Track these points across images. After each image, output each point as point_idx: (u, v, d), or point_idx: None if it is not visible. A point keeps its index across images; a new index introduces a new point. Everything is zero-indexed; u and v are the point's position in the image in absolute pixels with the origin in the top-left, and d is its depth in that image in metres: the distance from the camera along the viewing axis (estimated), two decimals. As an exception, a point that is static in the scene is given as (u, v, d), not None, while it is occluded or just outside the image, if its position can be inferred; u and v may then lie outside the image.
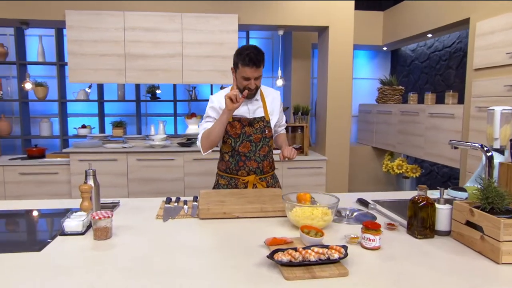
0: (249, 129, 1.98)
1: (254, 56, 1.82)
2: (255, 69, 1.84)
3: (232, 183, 2.03)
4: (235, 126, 1.97)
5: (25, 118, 4.29)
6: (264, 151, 2.02)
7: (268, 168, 2.08)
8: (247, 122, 1.98)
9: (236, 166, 2.01)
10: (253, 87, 1.90)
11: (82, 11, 3.46)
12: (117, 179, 3.60)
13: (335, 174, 4.11)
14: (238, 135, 1.97)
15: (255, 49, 1.85)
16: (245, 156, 1.99)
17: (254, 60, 1.82)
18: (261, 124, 2.00)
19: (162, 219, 1.61)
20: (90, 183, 1.61)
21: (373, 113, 5.08)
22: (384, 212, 1.74)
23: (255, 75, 1.86)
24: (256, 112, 2.02)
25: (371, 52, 5.59)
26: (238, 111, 1.94)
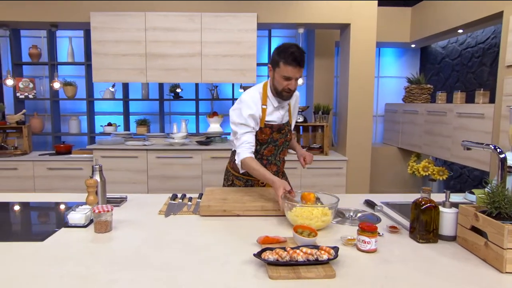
0: (277, 135, 1.92)
1: (299, 55, 1.70)
2: (299, 69, 1.72)
3: (249, 185, 2.00)
4: (265, 132, 1.88)
5: (55, 116, 4.52)
6: (284, 154, 2.03)
7: (282, 170, 2.08)
8: (277, 128, 1.91)
9: None
10: (294, 87, 1.77)
11: (105, 13, 3.59)
12: (137, 176, 3.71)
13: (356, 175, 4.01)
14: (265, 141, 1.91)
15: (298, 48, 1.73)
16: (267, 159, 1.96)
17: (298, 59, 1.69)
18: (286, 128, 1.96)
19: (164, 215, 1.64)
20: (96, 178, 1.66)
21: (399, 112, 4.90)
22: (391, 214, 1.67)
23: (297, 75, 1.74)
24: (284, 117, 1.96)
25: (399, 49, 5.40)
26: (270, 117, 1.87)
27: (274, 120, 1.89)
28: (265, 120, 1.86)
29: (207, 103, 4.81)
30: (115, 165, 3.67)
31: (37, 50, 4.44)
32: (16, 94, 4.37)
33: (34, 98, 4.43)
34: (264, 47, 4.89)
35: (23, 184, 3.68)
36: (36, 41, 4.59)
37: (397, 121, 4.98)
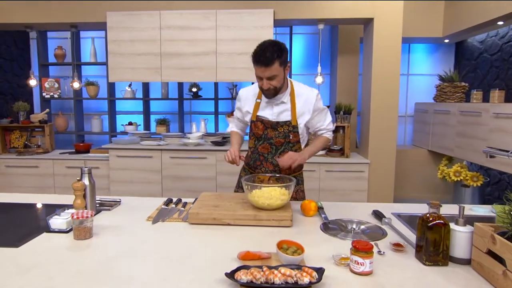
0: (272, 132, 1.86)
1: (261, 54, 1.66)
2: (264, 68, 1.67)
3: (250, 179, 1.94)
4: (258, 127, 1.88)
5: (79, 115, 4.62)
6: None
7: (288, 171, 1.91)
8: (270, 125, 1.86)
9: (254, 163, 1.95)
10: (265, 87, 1.73)
11: (121, 12, 3.60)
12: (151, 176, 3.69)
13: (379, 180, 3.76)
14: (260, 136, 1.89)
15: (266, 45, 1.68)
16: (264, 156, 1.91)
17: (260, 58, 1.66)
18: (285, 128, 1.85)
19: (152, 221, 1.55)
20: (84, 181, 1.60)
21: (430, 112, 4.57)
22: (399, 228, 1.48)
23: (265, 75, 1.69)
24: (281, 115, 1.86)
25: (431, 45, 5.04)
26: (262, 112, 1.87)
27: (265, 116, 1.86)
28: (256, 114, 1.87)
29: (227, 102, 4.73)
30: (130, 165, 3.67)
31: (62, 51, 4.55)
32: (42, 93, 4.51)
33: (59, 97, 4.55)
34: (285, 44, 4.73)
35: (44, 182, 3.78)
36: (61, 42, 4.71)
37: (427, 122, 4.65)
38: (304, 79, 4.87)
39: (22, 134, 4.04)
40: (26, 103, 4.07)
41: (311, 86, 4.74)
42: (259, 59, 1.66)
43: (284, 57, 1.71)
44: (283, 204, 1.56)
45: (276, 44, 1.70)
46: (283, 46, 1.72)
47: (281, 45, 1.71)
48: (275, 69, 1.68)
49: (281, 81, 1.75)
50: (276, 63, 1.67)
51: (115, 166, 3.67)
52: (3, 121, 3.95)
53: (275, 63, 1.66)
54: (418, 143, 4.94)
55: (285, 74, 1.77)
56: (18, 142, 3.99)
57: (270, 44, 1.68)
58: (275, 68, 1.67)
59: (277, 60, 1.66)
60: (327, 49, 4.93)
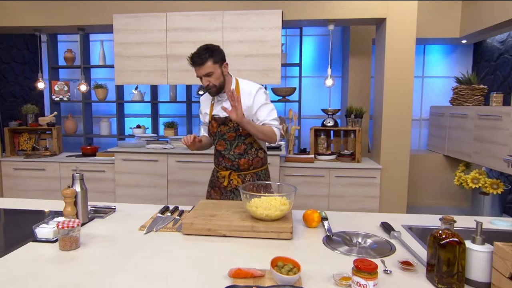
0: (224, 128, 1.97)
1: (194, 56, 1.85)
2: (199, 67, 1.85)
3: (215, 175, 2.10)
4: (213, 125, 2.00)
5: (87, 118, 4.61)
6: (239, 149, 1.98)
7: (246, 166, 2.00)
8: (221, 121, 1.97)
9: (217, 160, 2.06)
10: (204, 84, 1.89)
11: (127, 14, 3.56)
12: (157, 180, 3.63)
13: (391, 186, 3.61)
14: (215, 134, 2.01)
15: (199, 48, 1.87)
16: (221, 153, 2.01)
17: (194, 59, 1.85)
18: (234, 123, 1.93)
19: (144, 231, 1.47)
20: (76, 187, 1.54)
21: (446, 116, 4.39)
22: (410, 243, 1.36)
23: (201, 73, 1.87)
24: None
25: (448, 46, 4.86)
26: (215, 111, 2.00)
27: (217, 113, 1.99)
28: (212, 114, 2.01)
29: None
30: (135, 169, 3.62)
31: (72, 54, 4.56)
32: (52, 96, 4.52)
33: (68, 100, 4.56)
34: (295, 46, 4.63)
35: (50, 185, 3.76)
36: (71, 46, 4.73)
37: (443, 126, 4.46)
38: (314, 81, 4.75)
39: (31, 136, 4.05)
40: (35, 106, 4.08)
41: (320, 88, 4.58)
42: (193, 61, 1.85)
43: (217, 55, 1.87)
44: (283, 215, 1.46)
45: (208, 46, 1.88)
46: (216, 47, 1.89)
47: (213, 47, 1.89)
48: (209, 67, 1.84)
49: (219, 78, 1.89)
50: (209, 62, 1.84)
51: (121, 169, 3.63)
52: (12, 123, 3.96)
53: (208, 61, 1.84)
54: (433, 148, 4.75)
55: (222, 72, 1.90)
56: (27, 144, 4.00)
57: (202, 47, 1.88)
58: (208, 66, 1.84)
59: (209, 59, 1.84)
60: (338, 51, 4.81)
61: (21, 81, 4.70)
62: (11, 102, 4.58)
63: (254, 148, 2.00)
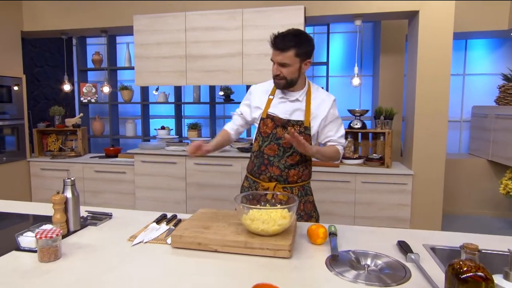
0: (281, 131, 1.71)
1: (279, 37, 1.62)
2: (278, 53, 1.61)
3: (253, 187, 1.80)
4: (267, 125, 1.73)
5: (113, 119, 4.68)
6: (293, 160, 1.72)
7: (296, 178, 1.75)
8: (281, 123, 1.71)
9: (258, 169, 1.76)
10: (275, 73, 1.65)
11: (147, 15, 3.54)
12: (175, 182, 3.57)
13: (425, 193, 3.30)
14: (267, 135, 1.73)
15: (289, 31, 1.63)
16: (269, 160, 1.73)
17: (277, 41, 1.61)
18: (296, 129, 1.70)
19: (132, 242, 1.37)
20: (67, 194, 1.47)
21: (491, 117, 3.99)
22: (430, 269, 1.14)
23: (278, 59, 1.62)
24: (293, 114, 1.72)
25: (494, 40, 4.43)
26: (274, 109, 1.73)
27: (276, 113, 1.72)
28: (267, 111, 1.73)
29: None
30: (155, 171, 3.60)
31: (99, 56, 4.65)
32: (80, 98, 4.63)
33: (95, 102, 4.65)
34: (323, 45, 4.41)
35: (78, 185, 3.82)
36: (99, 48, 4.82)
37: (487, 128, 4.06)
38: (342, 81, 4.51)
39: (58, 137, 4.15)
40: (61, 108, 4.19)
41: (350, 88, 4.32)
42: (275, 41, 1.62)
43: (304, 49, 1.61)
44: (281, 230, 1.30)
45: (299, 33, 1.63)
46: (307, 39, 1.63)
47: (304, 36, 1.63)
48: (289, 57, 1.60)
49: (293, 73, 1.64)
50: (291, 51, 1.59)
51: (140, 171, 3.62)
52: (40, 125, 4.09)
53: (290, 50, 1.59)
54: (475, 152, 4.35)
55: (301, 68, 1.65)
56: (54, 145, 4.11)
57: (293, 31, 1.63)
58: (288, 55, 1.60)
59: (293, 49, 1.59)
60: (369, 48, 4.53)
61: (53, 84, 4.87)
62: (44, 104, 4.75)
63: (307, 159, 1.77)
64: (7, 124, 3.81)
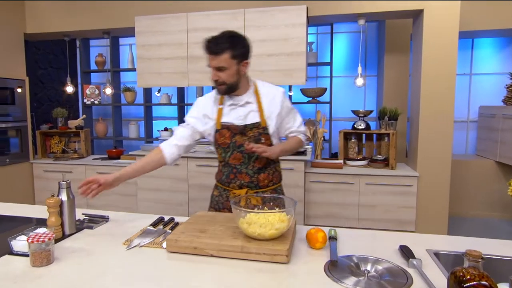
0: (241, 138, 1.65)
1: (212, 40, 1.54)
2: (213, 57, 1.55)
3: (224, 195, 1.75)
4: (224, 135, 1.66)
5: (117, 120, 4.67)
6: (260, 163, 1.68)
7: (267, 182, 1.71)
8: (238, 130, 1.65)
9: (227, 178, 1.72)
10: (213, 78, 1.60)
11: (149, 16, 3.52)
12: (178, 184, 3.55)
13: (430, 195, 3.24)
14: (227, 145, 1.67)
15: (222, 33, 1.56)
16: (236, 168, 1.68)
17: (210, 45, 1.54)
18: (255, 131, 1.65)
19: (127, 246, 1.35)
20: (62, 197, 1.44)
21: (498, 117, 3.91)
22: (432, 275, 1.10)
23: (213, 64, 1.57)
24: (248, 117, 1.66)
25: (501, 39, 4.35)
26: (227, 117, 1.67)
27: (231, 121, 1.66)
28: (221, 121, 1.66)
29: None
30: (156, 172, 3.54)
31: (102, 58, 4.65)
32: (84, 100, 4.64)
33: (99, 104, 4.65)
34: (327, 45, 4.37)
35: (76, 187, 3.81)
36: (102, 50, 4.83)
37: (494, 128, 3.98)
38: (346, 81, 4.46)
39: (61, 139, 4.16)
40: (64, 110, 4.19)
41: (354, 89, 4.26)
42: (208, 45, 1.55)
43: (239, 50, 1.55)
44: (279, 234, 1.26)
45: (233, 35, 1.57)
46: (241, 39, 1.58)
47: (238, 37, 1.57)
48: (224, 60, 1.54)
49: (232, 76, 1.58)
50: (226, 54, 1.53)
51: (142, 173, 3.59)
52: (43, 126, 4.09)
53: (225, 53, 1.53)
54: (483, 153, 4.27)
55: (239, 70, 1.59)
56: (57, 147, 4.12)
57: (226, 33, 1.56)
58: (224, 58, 1.53)
59: (228, 51, 1.53)
60: (374, 48, 4.47)
61: (57, 86, 4.88)
62: (47, 106, 4.76)
63: (273, 160, 1.72)
64: (11, 126, 3.82)
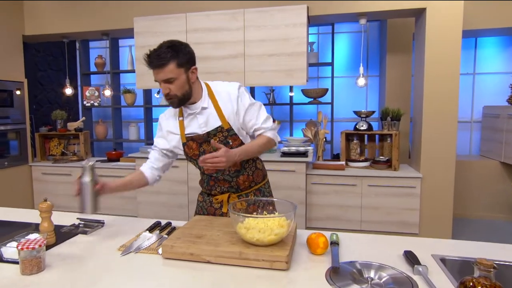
0: (207, 146, 1.58)
1: (151, 55, 1.44)
2: (158, 70, 1.45)
3: (207, 200, 1.72)
4: (191, 147, 1.60)
5: (117, 122, 4.64)
6: (235, 165, 1.60)
7: (247, 183, 1.65)
8: (202, 139, 1.58)
9: (208, 185, 1.69)
10: (164, 92, 1.49)
11: (148, 17, 3.49)
12: (177, 186, 3.51)
13: (434, 197, 3.18)
14: (197, 156, 1.59)
15: (161, 45, 1.47)
16: (214, 176, 1.64)
17: (152, 60, 1.44)
18: (221, 135, 1.57)
19: (122, 252, 1.30)
20: (85, 178, 1.42)
21: (503, 117, 3.85)
22: (439, 283, 1.05)
23: (160, 77, 1.46)
24: (209, 123, 1.57)
25: (506, 38, 4.29)
26: (189, 129, 1.59)
27: (194, 131, 1.59)
28: (185, 134, 1.60)
29: (265, 108, 4.43)
30: (156, 175, 3.52)
31: (102, 60, 4.62)
32: (83, 102, 4.61)
33: (98, 105, 4.62)
34: (328, 45, 4.33)
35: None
36: (102, 52, 4.80)
37: (499, 129, 3.92)
38: (347, 81, 4.41)
39: (60, 142, 4.13)
40: (64, 112, 4.16)
41: (356, 89, 4.18)
42: (150, 60, 1.45)
43: (184, 57, 1.47)
44: (278, 239, 1.21)
45: (172, 44, 1.47)
46: (183, 46, 1.49)
47: (179, 45, 1.48)
48: (170, 71, 1.44)
49: (183, 87, 1.48)
50: (172, 64, 1.44)
51: (142, 175, 3.55)
52: (42, 129, 4.06)
53: (170, 64, 1.44)
54: (487, 154, 4.21)
55: (188, 78, 1.50)
56: (56, 149, 4.08)
57: (165, 44, 1.47)
58: (170, 69, 1.44)
59: (172, 61, 1.44)
60: (376, 48, 4.42)
61: (56, 88, 4.85)
62: (47, 108, 4.74)
63: (251, 159, 1.65)
64: (10, 128, 3.79)
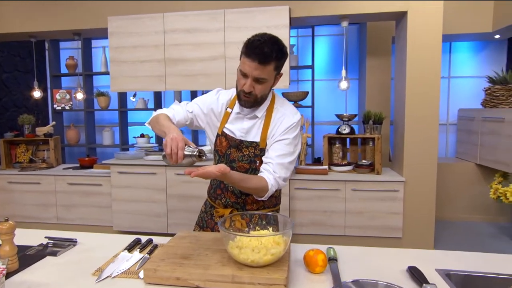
0: (235, 152, 1.44)
1: (258, 46, 1.24)
2: (257, 65, 1.26)
3: (209, 212, 1.58)
4: (222, 143, 1.46)
5: (89, 127, 4.41)
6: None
7: (256, 206, 1.49)
8: (234, 143, 1.44)
9: (215, 192, 1.54)
10: (247, 89, 1.31)
11: (123, 16, 3.32)
12: (156, 194, 3.35)
13: (417, 200, 3.19)
14: (223, 154, 1.47)
15: (268, 38, 1.28)
16: (224, 183, 1.48)
17: (256, 51, 1.24)
18: (251, 151, 1.43)
19: (98, 277, 1.16)
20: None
21: (478, 120, 3.93)
22: (446, 302, 0.99)
23: (255, 74, 1.28)
24: (250, 133, 1.44)
25: (478, 43, 4.40)
26: (230, 125, 1.46)
27: (232, 130, 1.45)
28: (223, 126, 1.46)
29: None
30: (133, 182, 3.36)
31: (73, 61, 4.39)
32: (54, 105, 4.35)
33: (70, 109, 4.38)
34: (308, 48, 4.29)
35: (46, 199, 3.55)
36: (74, 53, 4.56)
37: (474, 131, 4.00)
38: (329, 85, 4.39)
39: (28, 148, 3.86)
40: (31, 116, 3.90)
41: (336, 92, 4.15)
42: (254, 51, 1.25)
43: (282, 61, 1.34)
44: (275, 260, 1.12)
45: (279, 42, 1.30)
46: (285, 49, 1.33)
47: (282, 46, 1.32)
48: (269, 72, 1.30)
49: (267, 90, 1.37)
50: (272, 65, 1.29)
51: (117, 183, 3.37)
52: (8, 134, 3.79)
53: (271, 64, 1.28)
54: (463, 156, 4.29)
55: (274, 83, 1.39)
56: (24, 156, 3.82)
57: (272, 39, 1.29)
58: (268, 70, 1.29)
59: (274, 62, 1.29)
60: (355, 51, 4.43)
61: (24, 90, 4.56)
62: (13, 112, 4.44)
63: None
64: (-29, 134, 3.51)
